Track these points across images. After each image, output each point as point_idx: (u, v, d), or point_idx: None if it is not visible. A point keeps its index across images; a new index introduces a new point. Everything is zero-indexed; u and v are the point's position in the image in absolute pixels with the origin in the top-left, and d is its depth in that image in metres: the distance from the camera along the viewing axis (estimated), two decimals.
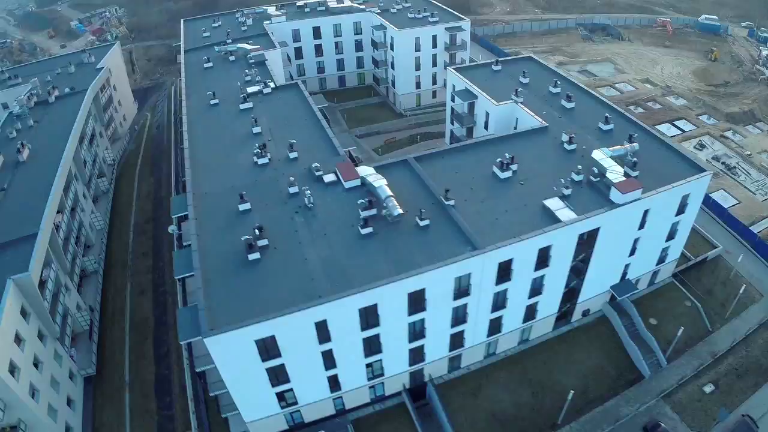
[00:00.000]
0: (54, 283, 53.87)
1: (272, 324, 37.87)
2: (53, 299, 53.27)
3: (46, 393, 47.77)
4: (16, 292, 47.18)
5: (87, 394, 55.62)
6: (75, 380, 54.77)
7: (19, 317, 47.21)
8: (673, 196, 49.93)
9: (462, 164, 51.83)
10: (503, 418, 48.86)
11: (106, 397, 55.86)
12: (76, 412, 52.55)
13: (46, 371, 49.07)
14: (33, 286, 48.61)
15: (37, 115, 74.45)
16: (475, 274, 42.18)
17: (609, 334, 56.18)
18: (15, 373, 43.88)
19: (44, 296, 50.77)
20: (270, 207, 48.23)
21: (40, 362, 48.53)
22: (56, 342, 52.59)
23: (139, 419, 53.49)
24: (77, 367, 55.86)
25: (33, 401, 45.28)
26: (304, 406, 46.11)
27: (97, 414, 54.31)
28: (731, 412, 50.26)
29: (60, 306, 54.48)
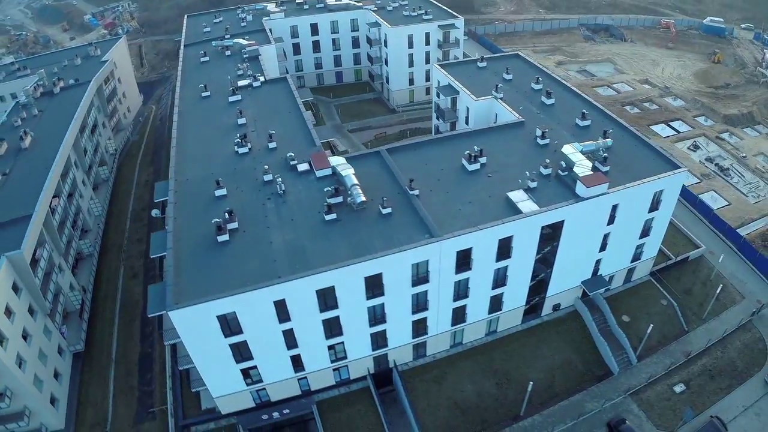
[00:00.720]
0: (47, 262, 57.06)
1: (232, 300, 40.24)
2: (45, 277, 56.43)
3: (33, 364, 50.77)
4: (8, 268, 50.28)
5: (75, 369, 58.68)
6: (64, 355, 57.88)
7: (11, 292, 50.28)
8: (643, 191, 50.58)
9: (433, 156, 53.57)
10: (465, 407, 50.34)
11: (93, 372, 58.94)
12: (62, 384, 55.65)
13: (35, 344, 52.12)
14: (25, 263, 51.67)
15: (42, 105, 78.28)
16: (432, 262, 43.94)
17: (579, 329, 56.92)
18: (3, 343, 46.86)
19: (36, 274, 53.84)
20: (245, 193, 50.74)
21: (29, 335, 51.54)
22: (46, 318, 55.66)
23: (121, 394, 56.43)
24: (67, 343, 58.91)
25: (19, 371, 48.23)
26: (270, 384, 48.41)
27: (83, 388, 57.37)
28: (701, 413, 50.68)
29: (52, 284, 57.59)
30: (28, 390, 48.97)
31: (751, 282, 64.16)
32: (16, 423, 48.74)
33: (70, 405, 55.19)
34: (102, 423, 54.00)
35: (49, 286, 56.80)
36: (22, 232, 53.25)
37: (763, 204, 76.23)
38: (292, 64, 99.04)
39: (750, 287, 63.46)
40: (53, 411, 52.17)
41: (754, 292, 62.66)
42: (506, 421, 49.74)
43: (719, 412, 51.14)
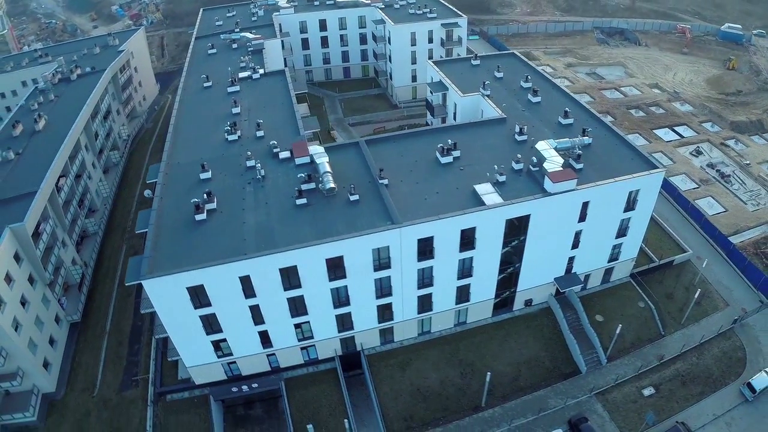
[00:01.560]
0: (49, 236, 61.33)
1: (200, 273, 43.14)
2: (47, 250, 60.73)
3: (29, 329, 54.82)
4: (11, 239, 54.53)
5: (71, 338, 62.84)
6: (61, 324, 62.07)
7: (12, 261, 54.45)
8: (617, 190, 51.08)
9: (410, 149, 55.51)
10: (427, 394, 51.97)
11: (87, 341, 63.00)
12: (57, 351, 59.76)
13: (32, 311, 56.22)
14: (27, 235, 55.86)
15: (58, 91, 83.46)
16: (393, 248, 45.94)
17: (551, 326, 57.60)
18: (0, 307, 51.16)
19: (38, 246, 58.03)
20: (228, 177, 53.78)
21: (27, 302, 55.64)
22: (46, 288, 59.85)
23: (111, 363, 60.24)
24: (65, 313, 63.11)
25: (15, 334, 52.26)
26: (240, 358, 51.27)
27: (77, 355, 61.45)
28: (667, 418, 50.70)
29: (54, 257, 61.85)
30: (22, 352, 52.96)
31: (737, 289, 63.62)
32: (9, 382, 52.74)
33: (62, 370, 59.18)
34: (91, 388, 57.84)
35: (50, 259, 60.97)
36: (26, 206, 57.45)
37: (762, 212, 75.18)
38: (301, 58, 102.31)
39: (736, 295, 62.95)
40: (45, 374, 56.13)
41: (739, 300, 62.16)
42: (467, 411, 51.08)
43: (688, 418, 50.85)
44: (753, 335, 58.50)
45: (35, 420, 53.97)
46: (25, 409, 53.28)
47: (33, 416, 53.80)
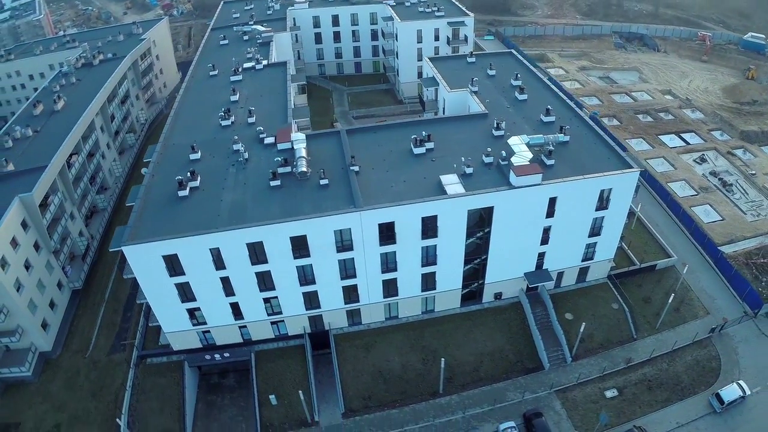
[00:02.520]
0: (57, 207, 66.59)
1: (174, 243, 46.88)
2: (54, 221, 66.09)
3: (30, 291, 59.88)
4: (19, 207, 59.76)
5: (72, 303, 67.95)
6: (63, 290, 67.24)
7: (19, 227, 59.66)
8: (587, 188, 51.92)
9: (388, 139, 57.99)
10: (388, 377, 54.32)
11: (86, 308, 68.07)
12: (57, 313, 64.87)
13: (35, 274, 61.36)
14: (34, 205, 61.04)
15: (80, 75, 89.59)
16: (355, 230, 48.56)
17: (519, 321, 58.73)
18: (5, 267, 56.21)
19: (44, 216, 63.30)
20: (215, 159, 57.55)
21: (31, 266, 60.76)
22: (51, 255, 65.02)
23: (105, 328, 65.03)
24: (68, 280, 68.43)
25: (16, 293, 57.28)
26: (214, 328, 54.87)
27: (75, 319, 66.54)
28: (627, 422, 50.85)
29: (60, 227, 67.05)
30: (22, 311, 57.98)
31: (721, 298, 63.18)
32: (9, 338, 57.83)
33: (60, 332, 64.23)
34: (84, 350, 62.73)
35: (56, 229, 66.17)
36: (36, 179, 62.70)
37: (760, 223, 73.92)
38: (314, 52, 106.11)
39: (719, 303, 62.53)
40: (43, 334, 61.16)
41: (721, 309, 61.71)
42: (425, 396, 53.11)
43: (648, 423, 50.93)
44: (731, 346, 58.18)
45: (30, 375, 58.92)
46: (21, 365, 58.25)
47: (28, 372, 58.78)
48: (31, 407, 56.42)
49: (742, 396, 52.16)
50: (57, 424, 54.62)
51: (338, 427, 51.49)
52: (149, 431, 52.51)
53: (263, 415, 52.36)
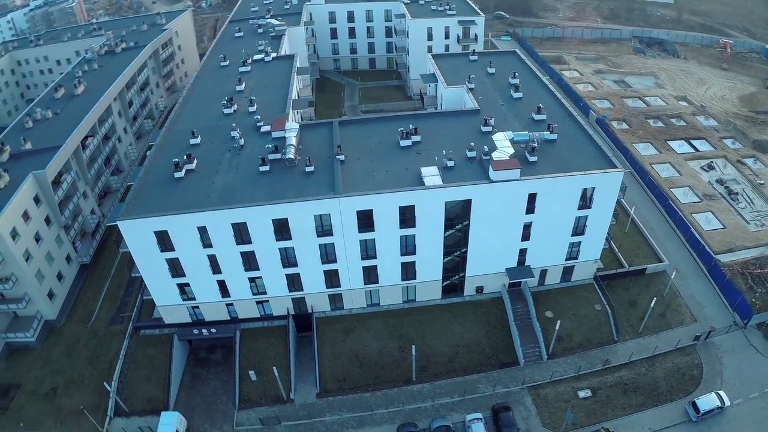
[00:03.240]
0: (69, 185, 70.96)
1: (164, 220, 50.01)
2: (66, 198, 70.59)
3: (39, 261, 64.18)
4: (32, 183, 64.18)
5: (79, 276, 72.25)
6: (71, 263, 71.60)
7: (31, 201, 64.00)
8: (568, 185, 52.50)
9: (378, 131, 60.02)
10: (364, 361, 56.38)
11: (92, 281, 72.26)
12: (64, 285, 69.14)
13: (44, 246, 65.68)
14: (47, 181, 65.41)
15: (103, 62, 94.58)
16: (334, 216, 50.78)
17: (499, 315, 59.72)
18: (15, 238, 60.57)
19: (56, 192, 67.71)
20: (213, 144, 60.69)
21: (41, 239, 65.11)
22: (61, 230, 69.41)
23: (107, 301, 68.99)
24: (77, 254, 72.91)
25: (25, 263, 61.55)
26: (202, 304, 57.93)
27: (81, 292, 70.74)
28: (597, 423, 51.10)
29: (72, 204, 71.38)
30: (30, 280, 62.23)
31: (711, 307, 62.35)
32: (16, 305, 62.15)
33: (66, 303, 68.46)
34: (86, 321, 66.80)
35: (68, 206, 70.54)
36: (50, 158, 67.15)
37: (763, 233, 72.71)
38: (329, 47, 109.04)
39: (707, 312, 61.70)
40: (49, 303, 65.40)
41: (710, 318, 60.89)
42: (398, 382, 54.96)
43: (619, 427, 51.02)
44: (716, 355, 57.55)
45: (34, 341, 63.21)
46: (26, 331, 62.53)
47: (32, 338, 63.04)
48: (32, 370, 60.58)
49: (720, 407, 51.40)
50: (54, 387, 58.51)
51: (312, 405, 53.89)
52: (136, 397, 55.89)
53: (242, 390, 55.22)
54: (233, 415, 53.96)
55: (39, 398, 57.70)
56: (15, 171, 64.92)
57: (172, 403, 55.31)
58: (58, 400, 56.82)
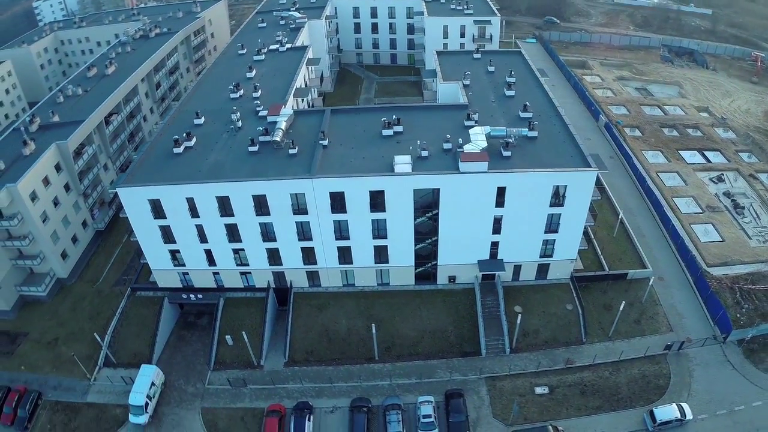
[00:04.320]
0: (90, 156, 78.25)
1: (156, 189, 55.67)
2: (86, 167, 77.88)
3: (55, 224, 71.23)
4: (54, 152, 71.44)
5: (93, 241, 79.32)
6: (87, 229, 78.74)
7: (52, 168, 71.22)
8: (538, 181, 54.25)
9: (365, 121, 63.57)
10: (333, 337, 60.26)
11: (105, 247, 79.14)
12: (78, 248, 76.25)
13: (62, 211, 72.87)
14: (68, 151, 72.52)
15: (136, 45, 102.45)
16: (308, 196, 54.89)
17: (468, 305, 61.85)
18: (34, 200, 67.73)
19: (77, 162, 75.03)
20: (215, 125, 66.02)
21: (59, 203, 72.32)
22: (80, 197, 76.59)
23: (115, 265, 75.50)
24: (93, 221, 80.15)
25: (41, 223, 68.59)
26: (192, 270, 63.24)
27: (93, 256, 77.70)
28: (549, 420, 52.39)
29: (91, 174, 78.57)
30: (45, 240, 69.24)
31: (691, 318, 62.39)
32: (32, 261, 69.43)
33: (78, 263, 75.56)
34: (94, 281, 73.55)
35: (88, 175, 77.79)
36: (73, 130, 74.47)
37: (764, 250, 71.76)
38: (352, 41, 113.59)
39: (687, 323, 61.76)
40: (62, 262, 72.51)
41: (687, 329, 60.93)
42: (361, 359, 58.55)
43: (572, 427, 51.96)
44: (687, 367, 57.65)
45: (45, 296, 70.34)
46: (39, 286, 69.75)
47: (44, 292, 70.19)
48: (39, 322, 67.54)
49: (679, 419, 51.45)
50: (56, 338, 65.14)
51: (278, 373, 58.27)
52: (124, 351, 61.83)
53: (218, 353, 60.25)
54: (207, 374, 59.00)
55: (42, 346, 64.43)
56: (41, 140, 72.38)
57: (155, 359, 60.83)
58: (57, 349, 63.26)
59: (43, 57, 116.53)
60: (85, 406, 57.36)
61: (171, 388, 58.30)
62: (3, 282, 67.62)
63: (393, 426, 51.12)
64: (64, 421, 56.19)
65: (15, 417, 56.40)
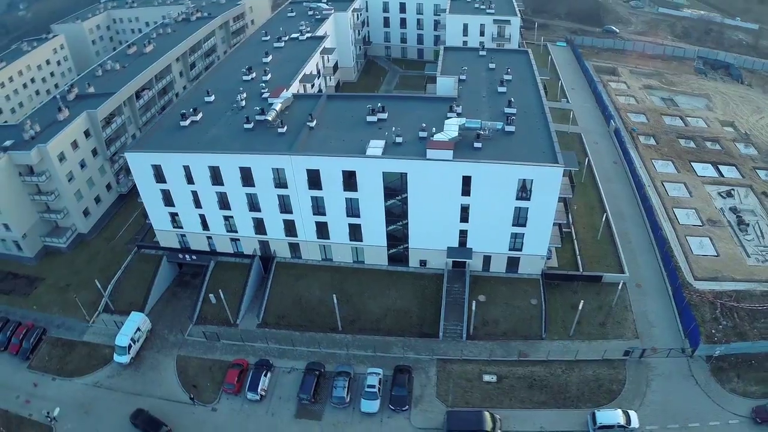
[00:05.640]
0: (118, 126, 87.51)
1: (157, 156, 63.21)
2: (115, 135, 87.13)
3: (80, 183, 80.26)
4: (85, 119, 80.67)
5: (116, 204, 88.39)
6: (111, 192, 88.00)
7: (81, 134, 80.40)
8: (503, 174, 57.08)
9: (357, 107, 68.37)
10: (305, 306, 65.84)
11: (125, 209, 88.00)
12: (100, 207, 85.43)
13: (87, 172, 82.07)
14: (96, 119, 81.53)
15: (177, 27, 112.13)
16: (288, 171, 60.70)
17: (435, 290, 65.35)
18: (62, 161, 77.14)
19: (105, 130, 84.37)
20: (222, 103, 73.04)
21: (85, 165, 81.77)
22: (106, 162, 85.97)
23: (132, 226, 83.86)
24: (118, 185, 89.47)
25: (67, 182, 77.81)
26: (188, 233, 70.52)
27: (114, 216, 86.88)
28: (490, 408, 54.67)
29: (119, 142, 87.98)
30: (69, 197, 78.40)
31: (662, 328, 62.94)
32: (57, 215, 78.85)
33: (99, 222, 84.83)
34: (110, 239, 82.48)
35: (115, 143, 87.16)
36: (104, 101, 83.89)
37: (761, 269, 70.04)
38: (382, 34, 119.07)
39: (656, 332, 62.32)
40: (83, 219, 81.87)
41: (656, 338, 61.50)
42: (325, 329, 63.82)
43: (512, 418, 54.08)
44: (646, 377, 58.10)
45: (65, 247, 79.78)
46: (61, 238, 79.25)
47: (64, 244, 79.62)
48: (57, 269, 76.81)
49: (622, 425, 52.22)
50: (68, 284, 74.07)
51: (250, 332, 64.50)
52: (122, 300, 69.82)
53: (202, 309, 67.26)
54: (188, 327, 66.08)
55: (55, 290, 73.57)
56: (75, 108, 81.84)
57: (147, 309, 68.36)
58: (67, 294, 71.98)
59: (95, 33, 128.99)
60: (80, 344, 65.59)
61: (156, 336, 65.72)
62: (30, 232, 77.40)
63: (338, 391, 56.03)
64: (60, 355, 64.54)
65: (20, 348, 65.30)
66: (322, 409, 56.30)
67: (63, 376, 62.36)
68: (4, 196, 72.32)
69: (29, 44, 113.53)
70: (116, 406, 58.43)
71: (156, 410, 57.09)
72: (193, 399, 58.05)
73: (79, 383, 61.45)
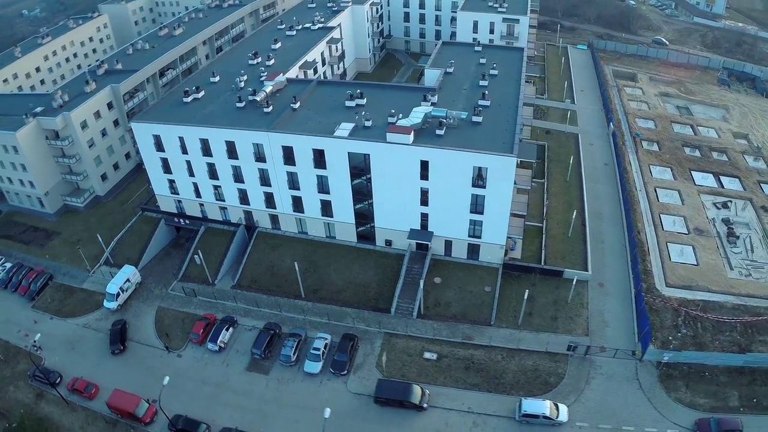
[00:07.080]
0: (141, 101, 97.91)
1: (156, 127, 72.07)
2: (137, 109, 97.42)
3: (100, 150, 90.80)
4: (108, 92, 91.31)
5: (134, 172, 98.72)
6: (130, 160, 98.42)
7: (105, 106, 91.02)
8: (457, 160, 61.36)
9: (341, 93, 74.79)
10: (276, 272, 72.97)
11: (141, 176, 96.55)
12: (117, 174, 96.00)
13: (108, 141, 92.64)
14: (119, 93, 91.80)
15: (208, 13, 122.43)
16: (266, 147, 68.00)
17: (395, 269, 70.67)
18: (84, 128, 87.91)
19: (127, 103, 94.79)
20: (224, 84, 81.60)
21: (107, 134, 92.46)
22: (126, 132, 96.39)
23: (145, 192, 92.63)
24: (137, 155, 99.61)
25: (87, 148, 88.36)
26: (184, 199, 79.22)
27: (131, 183, 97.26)
28: (426, 384, 58.35)
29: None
30: (89, 162, 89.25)
31: (615, 328, 64.71)
32: (77, 177, 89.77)
33: (116, 187, 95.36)
34: (124, 202, 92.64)
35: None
36: (127, 77, 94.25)
37: (741, 283, 70.02)
38: (401, 29, 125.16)
39: (609, 332, 64.13)
40: (101, 183, 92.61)
41: (607, 338, 63.31)
42: (290, 295, 70.60)
43: (441, 395, 57.39)
44: (587, 374, 59.74)
45: (82, 207, 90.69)
46: (79, 198, 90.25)
47: (82, 204, 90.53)
48: (72, 226, 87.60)
49: (548, 417, 53.76)
50: (79, 239, 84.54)
51: (224, 292, 72.39)
52: (121, 255, 79.45)
53: (187, 268, 75.79)
54: (173, 283, 74.84)
55: (67, 244, 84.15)
56: (102, 82, 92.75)
57: (140, 265, 77.66)
58: (77, 248, 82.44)
59: (138, 14, 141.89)
60: (79, 290, 75.53)
61: (144, 288, 74.78)
62: (52, 190, 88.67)
63: (286, 350, 62.70)
64: (61, 298, 74.65)
65: (28, 289, 75.89)
66: (271, 365, 63.18)
67: (60, 317, 72.25)
68: (31, 155, 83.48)
69: (75, 21, 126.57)
70: (98, 345, 67.64)
71: (132, 352, 65.90)
72: (168, 348, 66.34)
73: (71, 323, 71.15)
